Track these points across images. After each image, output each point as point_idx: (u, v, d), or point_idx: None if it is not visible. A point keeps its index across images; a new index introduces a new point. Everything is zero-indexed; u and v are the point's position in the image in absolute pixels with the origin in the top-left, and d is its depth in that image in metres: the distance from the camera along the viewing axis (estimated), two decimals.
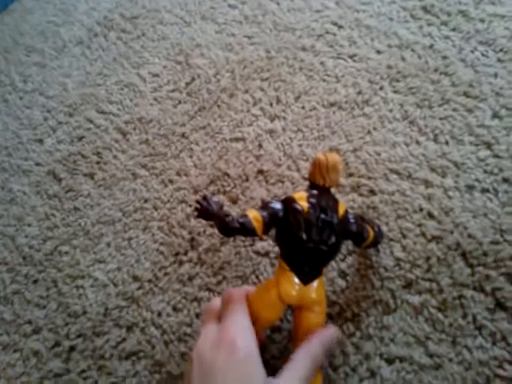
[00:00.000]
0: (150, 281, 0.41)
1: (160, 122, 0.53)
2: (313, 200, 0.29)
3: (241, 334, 0.27)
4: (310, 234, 0.28)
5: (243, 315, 0.28)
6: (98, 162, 0.52)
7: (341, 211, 0.30)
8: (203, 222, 0.43)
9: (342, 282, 0.36)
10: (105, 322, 0.40)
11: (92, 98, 0.59)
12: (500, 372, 0.29)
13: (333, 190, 0.41)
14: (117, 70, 0.62)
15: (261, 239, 0.40)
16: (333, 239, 0.29)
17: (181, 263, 0.41)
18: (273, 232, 0.30)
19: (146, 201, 0.47)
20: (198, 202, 0.29)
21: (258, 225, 0.28)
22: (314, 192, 0.30)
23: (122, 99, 0.57)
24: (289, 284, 0.29)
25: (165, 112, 0.54)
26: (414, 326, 0.33)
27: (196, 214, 0.29)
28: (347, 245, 0.37)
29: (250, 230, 0.28)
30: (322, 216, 0.28)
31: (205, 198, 0.30)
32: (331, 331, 0.30)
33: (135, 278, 0.42)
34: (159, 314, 0.39)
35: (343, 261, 0.37)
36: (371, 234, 0.32)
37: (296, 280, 0.29)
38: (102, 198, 0.49)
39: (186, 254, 0.42)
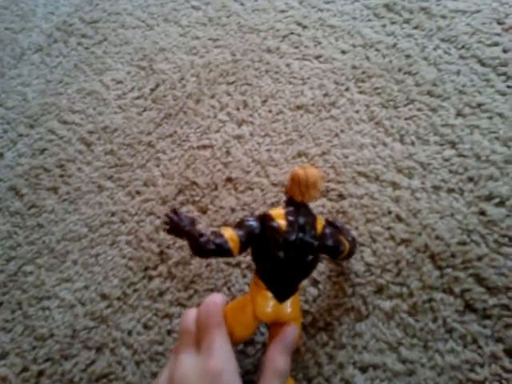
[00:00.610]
0: (118, 298, 0.40)
1: (125, 130, 0.51)
2: (291, 218, 0.28)
3: (225, 364, 0.26)
4: (288, 252, 0.27)
5: (225, 341, 0.27)
6: (61, 176, 0.50)
7: (319, 227, 0.29)
8: None
9: (313, 291, 0.35)
10: (73, 345, 0.39)
11: (53, 107, 0.57)
12: (472, 376, 0.29)
13: None
14: (78, 77, 0.59)
15: None
16: (311, 257, 0.28)
17: (150, 278, 0.40)
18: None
19: (112, 214, 0.45)
20: (167, 215, 0.28)
21: (234, 245, 0.27)
22: (292, 209, 0.28)
23: (85, 108, 0.55)
24: (265, 302, 0.28)
25: (130, 120, 0.52)
26: (386, 332, 0.32)
27: (167, 229, 0.28)
28: None
29: (226, 251, 0.27)
30: (301, 235, 0.27)
31: (175, 211, 0.28)
32: (289, 333, 0.28)
33: (103, 297, 0.40)
34: (129, 333, 0.38)
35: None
36: (347, 246, 0.32)
37: (272, 298, 0.28)
38: (66, 213, 0.47)
39: (155, 268, 0.40)
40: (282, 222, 0.27)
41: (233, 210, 0.41)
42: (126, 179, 0.47)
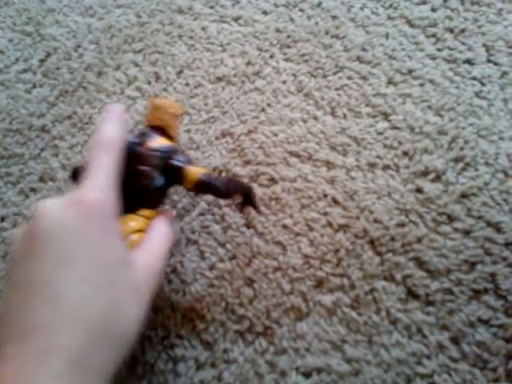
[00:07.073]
0: None
1: (11, 113, 0.41)
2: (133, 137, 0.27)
3: (101, 192, 0.22)
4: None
5: (108, 172, 0.23)
6: None
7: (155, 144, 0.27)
8: None
9: (249, 291, 0.30)
10: None
11: None
12: (420, 369, 0.26)
13: None
14: None
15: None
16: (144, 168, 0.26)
17: None
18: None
19: (2, 219, 0.36)
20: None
21: None
22: (144, 131, 0.29)
23: None
24: None
25: (16, 100, 0.41)
26: (329, 330, 0.29)
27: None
28: (251, 246, 0.32)
29: None
30: (135, 139, 0.27)
31: None
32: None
33: None
34: None
35: (248, 265, 0.31)
36: (195, 171, 0.27)
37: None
38: None
39: None
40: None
41: None
42: (16, 174, 0.38)
